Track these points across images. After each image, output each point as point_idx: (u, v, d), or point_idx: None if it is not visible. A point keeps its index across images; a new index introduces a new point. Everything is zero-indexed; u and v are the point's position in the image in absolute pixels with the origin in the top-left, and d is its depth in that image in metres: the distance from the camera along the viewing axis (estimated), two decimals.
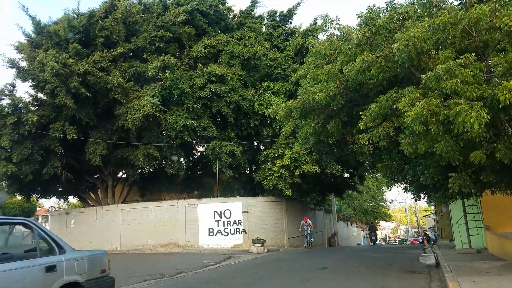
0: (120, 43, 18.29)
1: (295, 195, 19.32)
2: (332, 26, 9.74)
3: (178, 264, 12.76)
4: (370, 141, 7.18)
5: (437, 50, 6.90)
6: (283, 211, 20.52)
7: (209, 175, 22.60)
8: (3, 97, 16.70)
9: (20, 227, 5.05)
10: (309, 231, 19.44)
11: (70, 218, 21.60)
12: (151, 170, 22.92)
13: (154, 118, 17.29)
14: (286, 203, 20.69)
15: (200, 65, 18.96)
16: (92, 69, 16.16)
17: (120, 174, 22.59)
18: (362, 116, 7.19)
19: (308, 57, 10.15)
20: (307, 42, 19.99)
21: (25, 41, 18.08)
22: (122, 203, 21.04)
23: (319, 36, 16.98)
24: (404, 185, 10.82)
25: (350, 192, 29.87)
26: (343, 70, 7.84)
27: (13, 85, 17.30)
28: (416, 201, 29.83)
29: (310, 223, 19.64)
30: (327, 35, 9.71)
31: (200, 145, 21.77)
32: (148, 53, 18.27)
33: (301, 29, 22.13)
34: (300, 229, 19.85)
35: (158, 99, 17.16)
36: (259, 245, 16.98)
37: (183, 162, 21.85)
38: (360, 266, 11.04)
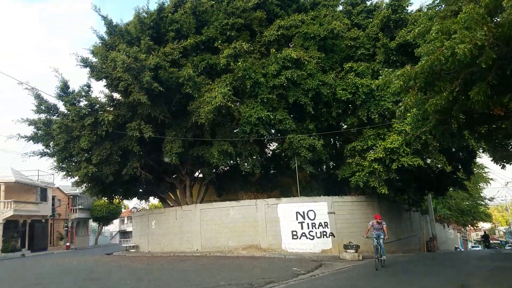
0: (191, 35, 17.42)
1: (391, 193, 16.52)
2: None
3: (265, 271, 11.19)
4: None
5: None
6: (376, 212, 17.79)
7: (286, 173, 20.71)
8: (80, 99, 16.83)
9: None
10: (380, 240, 11.98)
11: (152, 219, 21.54)
12: (226, 169, 21.95)
13: (226, 110, 16.02)
14: (378, 203, 17.96)
15: (274, 50, 17.18)
16: (163, 62, 15.41)
17: (197, 174, 21.96)
18: None
19: (428, 9, 7.70)
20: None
21: (100, 44, 18.16)
22: (200, 203, 20.30)
23: None
24: None
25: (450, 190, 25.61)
26: (504, 4, 5.35)
27: (89, 86, 17.44)
28: None
29: (385, 226, 12.32)
30: None
31: (277, 140, 19.94)
32: (219, 41, 17.08)
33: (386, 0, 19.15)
34: (365, 235, 12.83)
35: (229, 89, 15.82)
36: (353, 251, 14.65)
37: (258, 159, 20.32)
38: (506, 281, 8.20)
